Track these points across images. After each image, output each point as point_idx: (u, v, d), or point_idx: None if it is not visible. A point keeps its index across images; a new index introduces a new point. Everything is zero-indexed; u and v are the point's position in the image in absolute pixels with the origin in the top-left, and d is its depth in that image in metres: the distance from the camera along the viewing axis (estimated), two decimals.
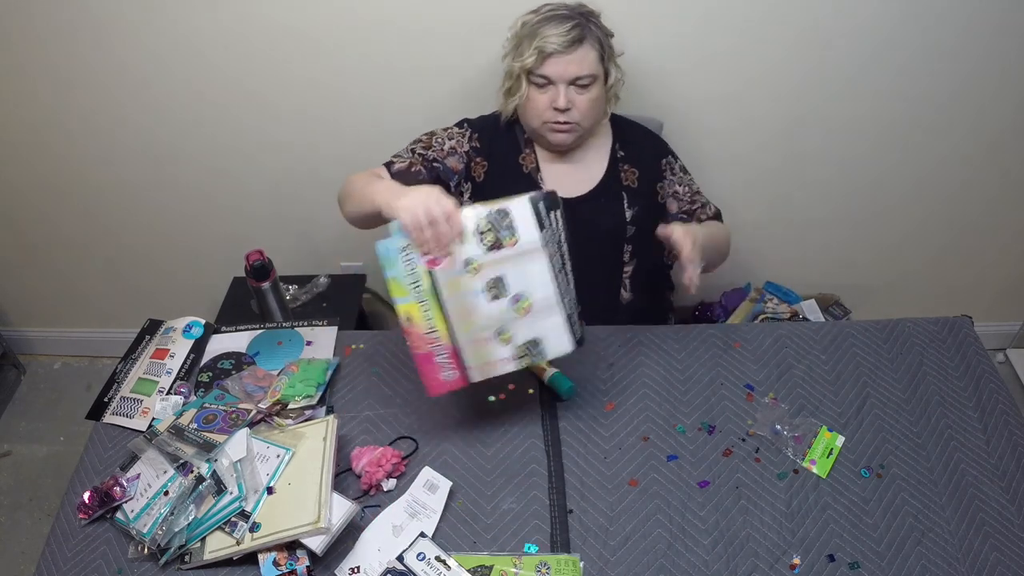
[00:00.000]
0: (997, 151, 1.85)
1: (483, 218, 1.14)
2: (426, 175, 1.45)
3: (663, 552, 1.15)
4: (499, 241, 1.15)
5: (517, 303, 1.19)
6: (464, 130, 1.50)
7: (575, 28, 1.34)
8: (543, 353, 1.23)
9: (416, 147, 1.47)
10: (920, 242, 2.06)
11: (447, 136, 1.48)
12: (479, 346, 1.20)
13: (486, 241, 1.15)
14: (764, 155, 1.85)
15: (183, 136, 1.88)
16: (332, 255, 2.14)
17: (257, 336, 1.50)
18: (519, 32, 1.39)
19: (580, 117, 1.39)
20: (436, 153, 1.47)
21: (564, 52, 1.33)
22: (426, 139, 1.48)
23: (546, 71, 1.35)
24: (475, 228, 1.14)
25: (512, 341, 1.21)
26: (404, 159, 1.45)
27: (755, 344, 1.44)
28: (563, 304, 1.20)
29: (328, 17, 1.65)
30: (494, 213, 1.14)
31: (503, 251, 1.16)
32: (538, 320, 1.20)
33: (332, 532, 1.11)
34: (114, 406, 1.38)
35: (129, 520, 1.18)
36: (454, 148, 1.48)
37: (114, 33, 1.69)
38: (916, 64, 1.68)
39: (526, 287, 1.18)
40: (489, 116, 1.53)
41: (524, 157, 1.49)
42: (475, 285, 1.17)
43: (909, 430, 1.31)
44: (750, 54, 1.68)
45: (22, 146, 1.93)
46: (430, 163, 1.46)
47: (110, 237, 2.14)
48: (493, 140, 1.49)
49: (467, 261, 1.15)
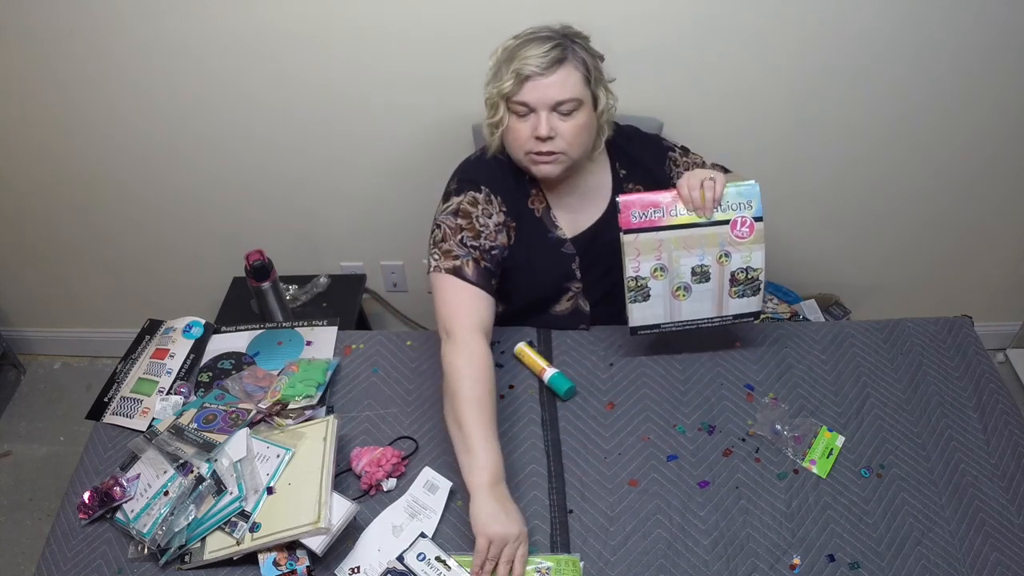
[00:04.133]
0: (997, 151, 1.85)
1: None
2: (492, 268, 1.33)
3: (663, 552, 1.15)
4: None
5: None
6: (486, 194, 1.36)
7: (555, 48, 1.23)
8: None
9: (464, 238, 1.31)
10: (920, 242, 2.06)
11: (483, 213, 1.34)
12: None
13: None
14: (764, 156, 1.85)
15: (183, 136, 1.88)
16: (332, 255, 2.14)
17: (257, 336, 1.50)
18: (499, 57, 1.28)
19: (565, 146, 1.27)
20: (488, 240, 1.33)
21: (543, 75, 1.22)
22: (468, 225, 1.33)
23: (525, 97, 1.24)
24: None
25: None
26: (464, 258, 1.30)
27: (755, 344, 1.44)
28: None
29: (327, 19, 1.65)
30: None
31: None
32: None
33: (332, 532, 1.11)
34: (114, 406, 1.38)
35: (129, 520, 1.18)
36: (498, 225, 1.35)
37: (114, 34, 1.69)
38: (916, 66, 1.68)
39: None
40: (481, 161, 1.40)
41: (532, 200, 1.40)
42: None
43: (909, 430, 1.31)
44: (750, 54, 1.67)
45: (22, 147, 1.93)
46: (489, 252, 1.33)
47: (110, 237, 2.13)
48: (510, 193, 1.38)
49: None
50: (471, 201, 1.35)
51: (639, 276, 1.32)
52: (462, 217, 1.33)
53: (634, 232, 1.29)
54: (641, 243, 1.30)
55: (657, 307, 1.34)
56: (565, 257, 1.43)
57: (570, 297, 1.47)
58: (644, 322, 1.36)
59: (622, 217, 1.29)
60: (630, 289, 1.33)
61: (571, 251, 1.43)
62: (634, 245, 1.30)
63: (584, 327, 1.49)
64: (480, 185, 1.36)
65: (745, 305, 1.36)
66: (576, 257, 1.43)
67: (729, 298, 1.34)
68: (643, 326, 1.37)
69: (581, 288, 1.46)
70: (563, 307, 1.48)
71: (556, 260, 1.42)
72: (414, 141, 1.84)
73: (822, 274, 2.12)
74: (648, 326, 1.37)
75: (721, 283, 1.33)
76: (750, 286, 1.34)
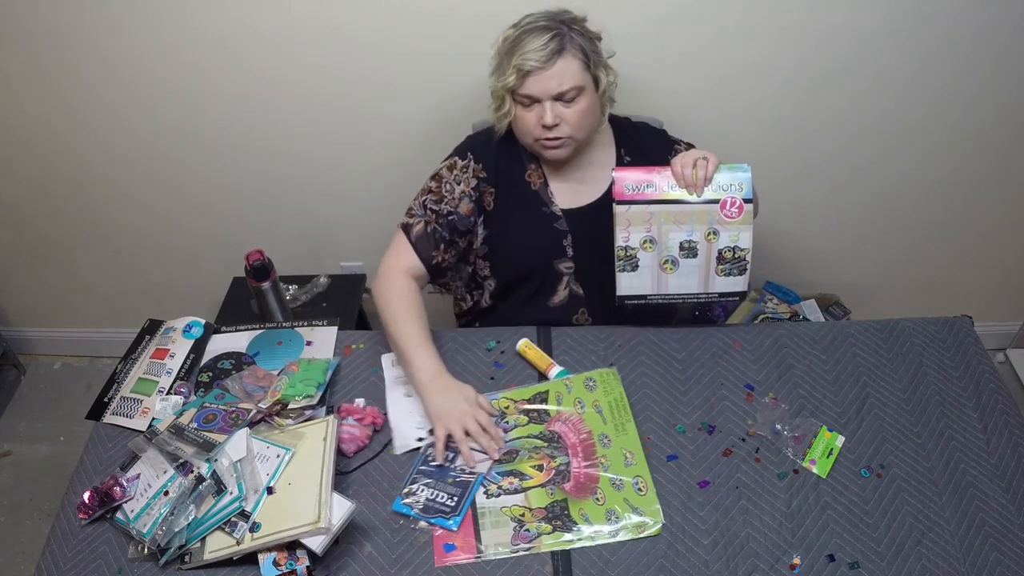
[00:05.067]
0: (997, 151, 1.85)
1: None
2: (444, 232, 1.42)
3: (663, 552, 1.15)
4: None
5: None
6: (467, 162, 1.45)
7: (553, 39, 1.29)
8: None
9: (427, 200, 1.43)
10: (920, 242, 2.06)
11: (455, 180, 1.44)
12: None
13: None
14: (763, 156, 1.85)
15: (183, 137, 1.88)
16: (332, 255, 2.15)
17: (257, 336, 1.50)
18: (500, 49, 1.35)
19: (571, 131, 1.35)
20: (449, 204, 1.42)
21: (544, 68, 1.29)
22: (436, 188, 1.43)
23: (528, 90, 1.31)
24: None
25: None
26: (418, 218, 1.42)
27: (755, 344, 1.44)
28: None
29: (328, 20, 1.65)
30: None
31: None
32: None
33: (332, 532, 1.11)
34: (114, 406, 1.38)
35: (129, 520, 1.18)
36: (464, 192, 1.43)
37: (113, 34, 1.69)
38: (917, 67, 1.68)
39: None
40: (489, 133, 1.47)
41: (530, 174, 1.46)
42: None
43: (909, 430, 1.31)
44: (748, 54, 1.67)
45: (22, 147, 1.93)
46: (445, 218, 1.42)
47: (110, 237, 2.14)
48: (498, 162, 1.45)
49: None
50: (450, 166, 1.45)
51: (628, 246, 1.35)
52: (435, 180, 1.45)
53: (626, 204, 1.33)
54: (632, 215, 1.33)
55: (645, 278, 1.38)
56: (557, 232, 1.46)
57: (565, 285, 1.49)
58: (631, 291, 1.39)
59: (616, 188, 1.33)
60: (619, 258, 1.36)
61: (563, 227, 1.46)
62: (625, 216, 1.33)
63: (584, 312, 1.50)
64: (467, 152, 1.46)
65: (731, 284, 1.38)
66: (568, 235, 1.46)
67: (716, 275, 1.37)
68: (630, 295, 1.40)
69: (573, 269, 1.48)
70: (559, 297, 1.50)
71: (546, 233, 1.46)
72: (414, 141, 1.84)
73: (822, 274, 2.12)
74: (635, 296, 1.40)
75: (708, 260, 1.36)
76: (736, 265, 1.36)
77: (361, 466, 1.27)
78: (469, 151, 1.46)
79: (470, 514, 1.18)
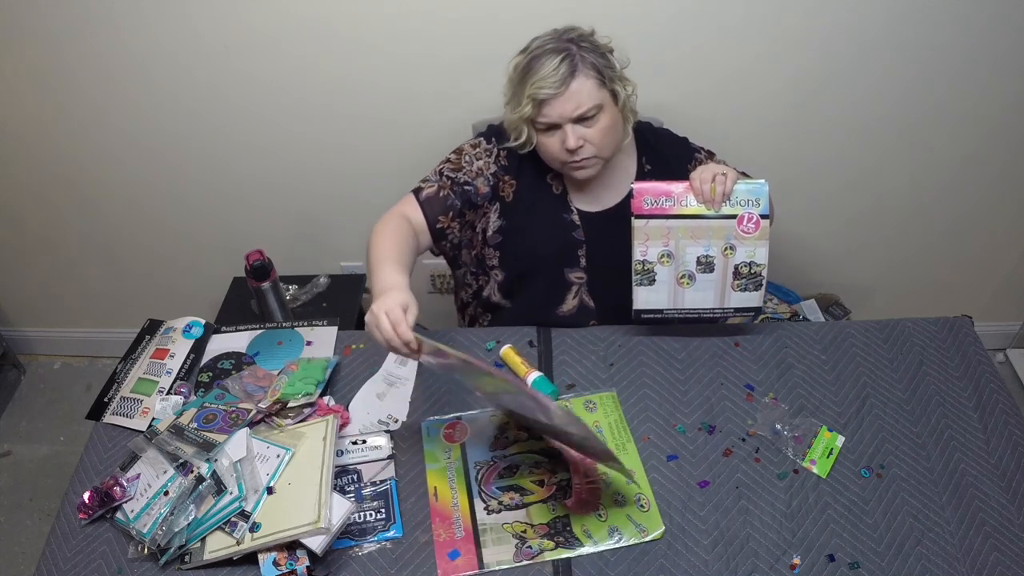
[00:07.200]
0: (997, 150, 1.85)
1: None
2: (456, 200, 1.42)
3: (663, 552, 1.15)
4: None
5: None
6: (492, 146, 1.44)
7: (563, 62, 1.27)
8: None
9: (445, 168, 1.43)
10: (920, 242, 2.06)
11: (475, 155, 1.44)
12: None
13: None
14: (763, 156, 1.85)
15: (183, 136, 1.88)
16: (332, 255, 2.15)
17: (257, 336, 1.50)
18: (512, 78, 1.34)
19: (596, 150, 1.34)
20: (466, 175, 1.42)
21: (559, 93, 1.28)
22: (455, 159, 1.44)
23: (547, 117, 1.31)
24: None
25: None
26: (433, 183, 1.42)
27: (755, 344, 1.44)
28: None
29: (328, 21, 1.65)
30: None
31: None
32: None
33: (332, 532, 1.11)
34: (114, 406, 1.38)
35: (129, 520, 1.18)
36: (481, 169, 1.43)
37: (113, 35, 1.69)
38: (915, 63, 1.68)
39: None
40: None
41: (552, 177, 1.46)
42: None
43: (909, 430, 1.31)
44: (748, 54, 1.68)
45: (22, 146, 1.94)
46: (460, 186, 1.42)
47: (110, 237, 2.14)
48: (523, 156, 1.43)
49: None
50: (473, 144, 1.46)
51: (646, 260, 1.35)
52: (456, 153, 1.45)
53: (644, 218, 1.33)
54: (650, 229, 1.33)
55: (661, 292, 1.38)
56: (573, 241, 1.47)
57: (575, 295, 1.48)
58: (648, 306, 1.39)
59: (634, 202, 1.33)
60: (636, 272, 1.36)
61: (580, 237, 1.46)
62: (643, 230, 1.33)
63: (595, 324, 1.50)
64: (492, 137, 1.45)
65: (746, 299, 1.38)
66: (584, 245, 1.46)
67: (732, 290, 1.37)
68: (647, 310, 1.40)
69: (584, 280, 1.48)
70: (568, 306, 1.49)
71: (562, 238, 1.46)
72: (414, 141, 1.85)
73: (822, 274, 2.13)
74: (652, 310, 1.40)
75: (725, 275, 1.36)
76: (752, 280, 1.36)
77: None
78: (495, 136, 1.45)
79: (470, 531, 1.16)
